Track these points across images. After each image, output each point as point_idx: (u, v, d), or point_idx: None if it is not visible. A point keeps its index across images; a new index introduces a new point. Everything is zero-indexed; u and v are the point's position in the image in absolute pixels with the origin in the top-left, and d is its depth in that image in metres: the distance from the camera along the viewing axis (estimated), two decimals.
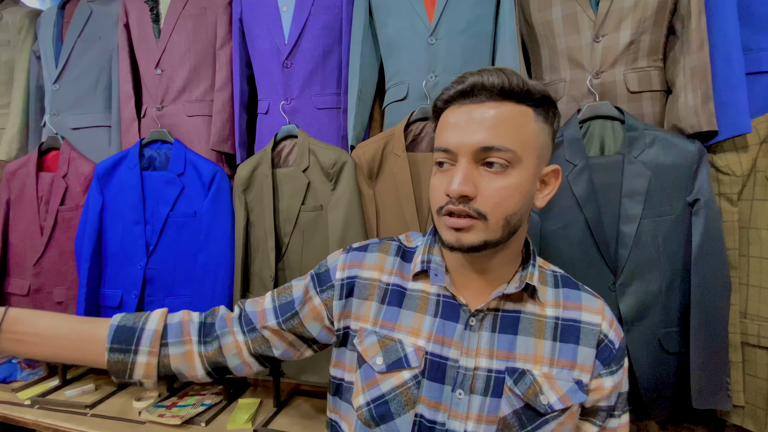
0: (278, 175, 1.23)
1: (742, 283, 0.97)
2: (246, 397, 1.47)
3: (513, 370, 0.60)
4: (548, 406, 0.59)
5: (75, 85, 1.51)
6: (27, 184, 1.44)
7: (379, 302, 0.66)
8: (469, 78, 0.56)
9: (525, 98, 0.56)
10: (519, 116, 0.56)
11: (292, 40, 1.28)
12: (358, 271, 0.68)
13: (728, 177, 0.98)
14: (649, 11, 1.01)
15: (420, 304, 0.65)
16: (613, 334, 0.64)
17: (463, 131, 0.55)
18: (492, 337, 0.61)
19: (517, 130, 0.55)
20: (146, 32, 1.44)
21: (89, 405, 1.38)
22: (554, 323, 0.63)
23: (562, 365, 0.61)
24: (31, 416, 1.33)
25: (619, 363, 0.64)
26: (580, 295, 0.66)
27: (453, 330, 0.62)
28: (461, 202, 0.55)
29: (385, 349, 0.63)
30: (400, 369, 0.61)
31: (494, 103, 0.55)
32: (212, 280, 1.28)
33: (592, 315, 0.64)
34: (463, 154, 0.55)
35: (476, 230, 0.56)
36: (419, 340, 0.62)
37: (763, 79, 0.99)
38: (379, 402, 0.61)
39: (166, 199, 1.32)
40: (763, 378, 0.93)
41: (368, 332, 0.65)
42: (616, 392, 0.64)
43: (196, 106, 1.43)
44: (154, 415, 1.29)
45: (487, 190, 0.55)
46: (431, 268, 0.65)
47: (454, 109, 0.58)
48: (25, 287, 1.42)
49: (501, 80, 0.55)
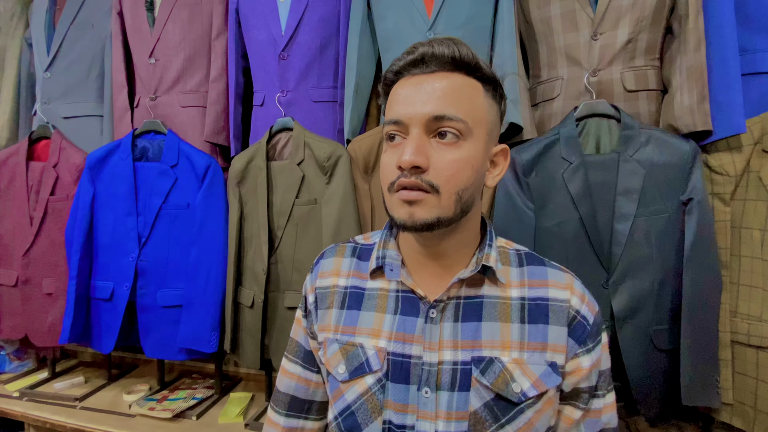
0: (273, 168, 1.22)
1: (733, 282, 0.98)
2: (238, 390, 1.47)
3: (479, 359, 0.56)
4: (521, 394, 0.55)
5: (67, 74, 1.49)
6: (17, 173, 1.42)
7: (338, 308, 0.64)
8: (420, 48, 0.55)
9: (474, 70, 0.56)
10: (469, 88, 0.55)
11: (289, 31, 1.27)
12: (318, 281, 0.67)
13: (722, 177, 0.98)
14: (647, 10, 1.01)
15: (379, 303, 0.62)
16: (585, 309, 0.60)
17: (414, 102, 0.54)
18: (455, 327, 0.58)
19: (468, 101, 0.54)
20: (140, 21, 1.42)
21: (78, 398, 1.37)
22: (520, 304, 0.59)
23: (533, 348, 0.57)
24: (19, 408, 1.32)
25: (595, 339, 0.60)
26: (546, 271, 0.62)
27: (414, 325, 0.59)
28: (413, 174, 0.53)
29: (346, 356, 0.60)
30: (362, 375, 0.59)
31: (445, 74, 0.55)
32: (205, 273, 1.27)
33: (560, 291, 0.60)
34: (415, 124, 0.54)
35: (429, 205, 0.53)
36: (380, 341, 0.59)
37: (759, 80, 0.99)
38: (345, 414, 0.59)
39: (158, 190, 1.31)
40: (752, 376, 0.94)
41: (330, 341, 0.63)
42: (595, 371, 0.60)
43: (191, 96, 1.41)
44: (145, 409, 1.28)
45: (440, 162, 0.53)
46: (386, 263, 0.62)
47: (404, 81, 0.57)
48: (13, 278, 1.40)
49: (451, 50, 0.54)
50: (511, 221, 1.02)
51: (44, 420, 1.27)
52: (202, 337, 1.27)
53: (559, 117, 1.09)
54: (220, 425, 1.25)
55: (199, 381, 1.54)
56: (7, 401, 1.36)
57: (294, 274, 1.18)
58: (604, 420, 0.62)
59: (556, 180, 1.00)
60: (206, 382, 1.52)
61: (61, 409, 1.31)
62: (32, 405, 1.34)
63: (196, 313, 1.27)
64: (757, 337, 0.93)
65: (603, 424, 0.62)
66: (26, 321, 1.40)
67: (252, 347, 1.22)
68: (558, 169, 1.00)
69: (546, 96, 1.14)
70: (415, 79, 0.56)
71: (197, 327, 1.27)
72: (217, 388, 1.43)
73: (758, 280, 0.94)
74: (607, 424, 0.63)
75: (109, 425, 1.22)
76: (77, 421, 1.24)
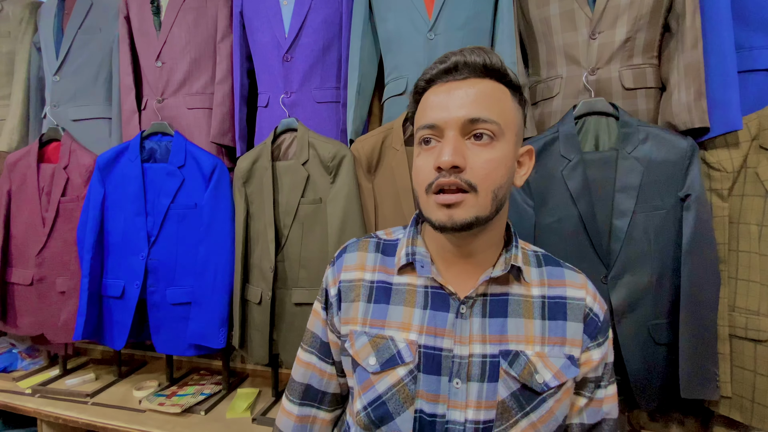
0: (278, 167, 1.24)
1: (731, 277, 0.99)
2: (245, 386, 1.49)
3: (507, 352, 0.60)
4: (544, 384, 0.59)
5: (75, 77, 1.52)
6: (28, 175, 1.45)
7: (365, 301, 0.66)
8: (452, 57, 0.59)
9: (503, 76, 0.59)
10: (498, 92, 0.59)
11: (293, 33, 1.29)
12: (343, 275, 0.69)
13: (719, 173, 1.00)
14: (644, 9, 1.03)
15: (408, 297, 0.64)
16: (597, 307, 0.65)
17: (448, 106, 0.57)
18: (483, 322, 0.62)
19: (499, 105, 0.58)
20: (147, 24, 1.44)
21: (90, 394, 1.40)
22: (541, 302, 0.64)
23: (553, 342, 0.62)
24: (32, 405, 1.35)
25: (604, 335, 0.65)
26: (563, 272, 0.67)
27: (444, 320, 0.62)
28: (452, 173, 0.55)
29: (377, 349, 0.62)
30: (394, 366, 0.61)
31: (476, 80, 0.58)
32: (213, 271, 1.30)
33: (577, 290, 0.65)
34: (450, 127, 0.57)
35: (467, 205, 0.56)
36: (411, 334, 0.62)
37: (755, 77, 1.00)
38: (376, 404, 0.61)
39: (166, 190, 1.34)
40: (750, 370, 0.95)
41: (358, 334, 0.65)
42: (603, 363, 0.65)
43: (197, 98, 1.44)
44: (154, 404, 1.31)
45: (476, 161, 0.56)
46: (416, 260, 0.65)
47: (436, 88, 0.60)
48: (28, 277, 1.43)
49: (482, 58, 0.58)
50: (511, 218, 1.03)
51: (56, 416, 1.30)
52: (210, 333, 1.29)
53: (559, 115, 1.11)
54: (227, 420, 1.27)
55: (207, 377, 1.57)
56: (20, 398, 1.39)
57: (301, 271, 1.21)
58: (605, 410, 0.67)
59: (555, 177, 1.01)
60: (214, 379, 1.55)
61: (72, 405, 1.34)
62: (44, 401, 1.37)
63: (205, 309, 1.30)
64: (755, 331, 0.94)
65: (604, 413, 0.67)
66: (41, 318, 1.43)
67: (260, 343, 1.24)
68: (557, 166, 1.01)
69: (545, 94, 1.15)
70: (448, 86, 0.59)
71: (206, 323, 1.30)
72: (224, 384, 1.45)
73: (756, 274, 0.95)
74: (607, 414, 0.67)
75: (120, 420, 1.25)
76: (89, 417, 1.27)
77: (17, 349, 1.64)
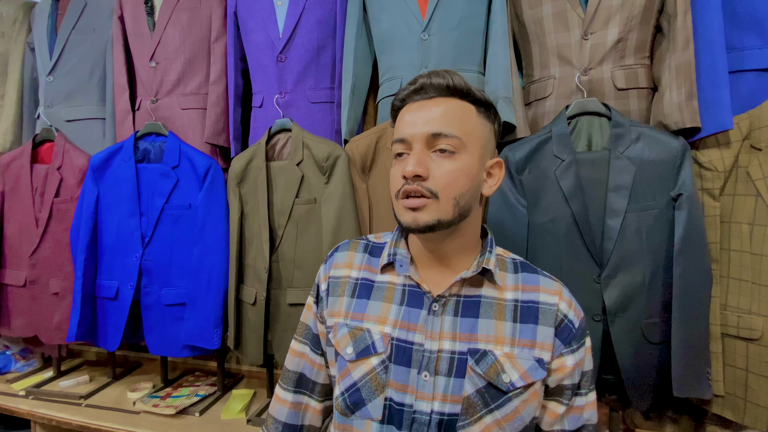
0: (272, 168, 1.24)
1: (723, 276, 1.00)
2: (240, 388, 1.49)
3: (475, 350, 0.64)
4: (510, 384, 0.62)
5: (69, 77, 1.52)
6: (21, 175, 1.45)
7: (349, 296, 0.72)
8: (420, 80, 0.67)
9: (467, 95, 0.66)
10: (462, 110, 0.65)
11: (287, 34, 1.29)
12: (332, 272, 0.75)
13: (711, 172, 1.00)
14: (636, 10, 1.03)
15: (387, 294, 0.70)
16: (572, 314, 0.68)
17: (415, 123, 0.64)
18: (455, 320, 0.66)
19: (462, 121, 0.64)
20: (141, 25, 1.44)
21: (84, 395, 1.40)
22: (514, 305, 0.67)
23: (523, 345, 0.65)
24: (26, 407, 1.34)
25: (579, 342, 0.68)
26: (538, 279, 0.70)
27: (417, 316, 0.66)
28: (415, 182, 0.62)
29: (354, 339, 0.68)
30: (368, 356, 0.66)
31: (442, 99, 0.65)
32: (207, 272, 1.30)
33: (550, 296, 0.68)
34: (417, 141, 0.64)
35: (429, 210, 0.62)
36: (386, 327, 0.67)
37: (746, 77, 1.01)
38: (351, 390, 0.66)
39: (161, 191, 1.33)
40: (742, 368, 0.96)
41: (341, 325, 0.70)
42: (578, 370, 0.68)
43: (191, 99, 1.43)
44: (149, 406, 1.31)
45: (438, 171, 0.62)
46: (396, 260, 0.70)
47: (408, 107, 0.67)
48: (22, 278, 1.43)
49: (446, 80, 0.65)
50: (505, 218, 1.04)
51: (50, 418, 1.30)
52: (205, 334, 1.29)
53: (552, 115, 1.11)
54: (222, 421, 1.27)
55: (202, 378, 1.56)
56: (14, 400, 1.39)
57: (295, 271, 1.21)
58: (585, 416, 0.70)
59: (548, 177, 1.02)
60: (209, 380, 1.54)
61: (66, 407, 1.34)
62: (38, 403, 1.37)
63: (199, 310, 1.30)
64: (747, 330, 0.95)
65: (584, 420, 0.70)
66: (35, 320, 1.42)
67: (255, 343, 1.24)
68: (550, 166, 1.02)
69: (539, 95, 1.16)
70: (417, 105, 0.66)
71: (200, 324, 1.29)
72: (219, 385, 1.45)
73: (747, 273, 0.96)
74: (588, 420, 0.70)
75: (114, 422, 1.24)
76: (83, 419, 1.27)
77: (11, 351, 1.63)
